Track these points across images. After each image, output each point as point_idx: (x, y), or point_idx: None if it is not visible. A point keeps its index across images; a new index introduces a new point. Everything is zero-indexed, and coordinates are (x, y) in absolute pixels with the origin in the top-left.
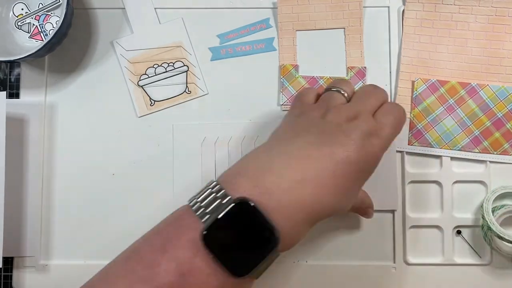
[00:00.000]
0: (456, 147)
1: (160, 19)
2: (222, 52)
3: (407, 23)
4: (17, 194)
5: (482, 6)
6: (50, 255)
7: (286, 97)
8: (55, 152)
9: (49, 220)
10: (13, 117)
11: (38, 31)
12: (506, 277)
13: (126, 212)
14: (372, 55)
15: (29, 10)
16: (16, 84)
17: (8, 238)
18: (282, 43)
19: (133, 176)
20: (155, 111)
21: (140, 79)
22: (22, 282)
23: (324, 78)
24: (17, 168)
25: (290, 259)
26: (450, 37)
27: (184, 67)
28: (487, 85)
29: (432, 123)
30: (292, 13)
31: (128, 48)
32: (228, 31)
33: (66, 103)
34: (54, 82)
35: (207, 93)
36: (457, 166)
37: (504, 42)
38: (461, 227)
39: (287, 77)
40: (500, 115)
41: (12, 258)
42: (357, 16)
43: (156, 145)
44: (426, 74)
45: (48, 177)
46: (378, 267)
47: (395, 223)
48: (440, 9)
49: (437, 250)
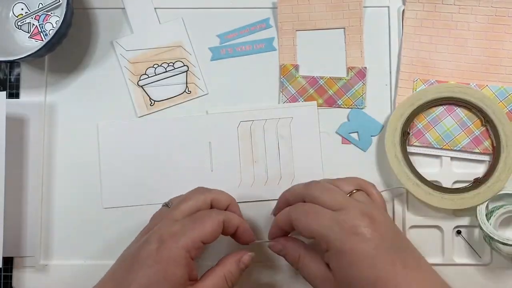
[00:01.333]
0: (456, 147)
1: (160, 19)
2: (222, 52)
3: (407, 23)
4: (17, 194)
5: (482, 6)
6: (50, 255)
7: (286, 97)
8: (55, 152)
9: (49, 220)
10: (13, 117)
11: (38, 31)
12: (506, 277)
13: (126, 212)
14: (372, 55)
15: (29, 10)
16: (16, 84)
17: (8, 238)
18: (282, 43)
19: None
20: (155, 111)
21: (140, 79)
22: (22, 282)
23: (324, 78)
24: (17, 168)
25: None
26: (450, 37)
27: (184, 67)
28: (487, 85)
29: (432, 123)
30: (292, 13)
31: (128, 48)
32: (228, 31)
33: (66, 103)
34: (54, 82)
35: (207, 93)
36: (457, 166)
37: (504, 42)
38: (461, 227)
39: (287, 77)
40: None
41: (12, 258)
42: (357, 16)
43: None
44: (426, 74)
45: (48, 177)
46: None
47: (395, 223)
48: (440, 9)
49: (437, 250)
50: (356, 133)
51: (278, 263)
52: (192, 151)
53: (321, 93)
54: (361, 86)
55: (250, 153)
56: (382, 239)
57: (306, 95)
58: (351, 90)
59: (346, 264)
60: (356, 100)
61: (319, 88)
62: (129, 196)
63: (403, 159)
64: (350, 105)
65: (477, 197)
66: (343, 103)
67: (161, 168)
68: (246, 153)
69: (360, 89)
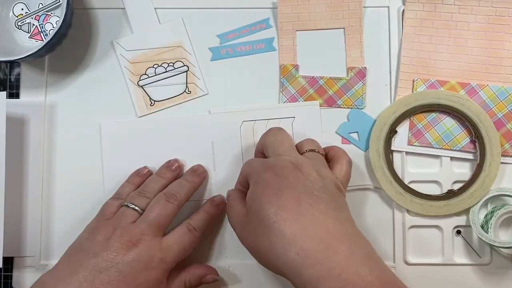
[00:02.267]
0: (456, 147)
1: (160, 19)
2: (222, 52)
3: (407, 23)
4: (17, 194)
5: (482, 6)
6: (50, 255)
7: (286, 97)
8: (55, 152)
9: (49, 220)
10: (13, 117)
11: (38, 31)
12: (506, 277)
13: None
14: (372, 55)
15: (29, 10)
16: (16, 84)
17: (8, 238)
18: (282, 43)
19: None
20: (155, 111)
21: (140, 79)
22: (22, 282)
23: (324, 78)
24: (17, 168)
25: None
26: (450, 37)
27: (184, 67)
28: (487, 85)
29: (432, 123)
30: (292, 13)
31: (128, 48)
32: (228, 31)
33: (66, 103)
34: (54, 82)
35: (207, 93)
36: (457, 166)
37: (504, 42)
38: (461, 227)
39: (287, 77)
40: (500, 116)
41: (12, 258)
42: (357, 16)
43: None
44: (426, 74)
45: (48, 177)
46: None
47: (395, 223)
48: (440, 9)
49: (437, 250)
50: (356, 133)
51: None
52: (194, 151)
53: (321, 93)
54: (361, 86)
55: (252, 153)
56: (297, 181)
57: (306, 95)
58: (351, 90)
59: (256, 192)
60: (356, 100)
61: (319, 88)
62: None
63: (383, 155)
64: (350, 105)
65: (446, 207)
66: (343, 103)
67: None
68: (249, 153)
69: (360, 89)
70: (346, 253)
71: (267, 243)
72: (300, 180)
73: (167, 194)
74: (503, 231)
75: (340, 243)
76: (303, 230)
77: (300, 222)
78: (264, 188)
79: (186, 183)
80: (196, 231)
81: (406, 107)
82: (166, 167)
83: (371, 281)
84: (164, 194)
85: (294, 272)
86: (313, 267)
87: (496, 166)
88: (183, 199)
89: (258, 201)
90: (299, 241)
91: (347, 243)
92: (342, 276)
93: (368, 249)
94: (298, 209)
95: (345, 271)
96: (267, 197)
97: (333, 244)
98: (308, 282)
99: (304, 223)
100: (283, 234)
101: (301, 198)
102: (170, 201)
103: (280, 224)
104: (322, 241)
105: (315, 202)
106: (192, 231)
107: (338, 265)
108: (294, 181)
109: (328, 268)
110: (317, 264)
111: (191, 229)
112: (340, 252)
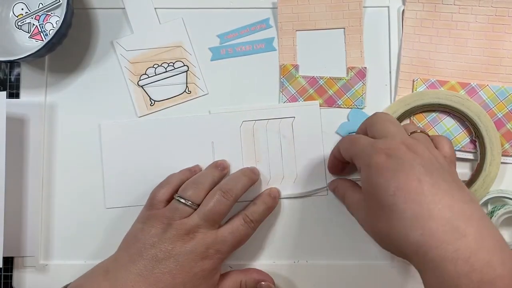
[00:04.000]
0: (456, 147)
1: (160, 19)
2: (222, 52)
3: (407, 23)
4: (17, 194)
5: (482, 6)
6: (50, 255)
7: (286, 97)
8: (55, 152)
9: (49, 220)
10: (13, 117)
11: (38, 31)
12: None
13: (126, 212)
14: (372, 55)
15: (29, 10)
16: (16, 84)
17: (8, 238)
18: (282, 43)
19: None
20: (155, 111)
21: (140, 79)
22: (22, 282)
23: (324, 78)
24: (17, 168)
25: (290, 259)
26: (450, 37)
27: (184, 67)
28: (487, 85)
29: (432, 123)
30: (292, 13)
31: (128, 48)
32: (228, 31)
33: (66, 103)
34: (54, 82)
35: (207, 93)
36: (457, 166)
37: (504, 42)
38: None
39: (287, 77)
40: (500, 115)
41: (12, 258)
42: (357, 16)
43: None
44: (426, 74)
45: (48, 177)
46: (378, 267)
47: None
48: (440, 9)
49: None
50: None
51: (278, 260)
52: (194, 151)
53: (321, 93)
54: (361, 86)
55: (252, 153)
56: (414, 162)
57: (306, 95)
58: (351, 90)
59: (371, 175)
60: (356, 100)
61: (319, 88)
62: (131, 196)
63: None
64: (350, 105)
65: None
66: (343, 103)
67: (164, 168)
68: (249, 153)
69: (360, 89)
70: (475, 236)
71: (388, 226)
72: (416, 160)
73: (223, 189)
74: (503, 231)
75: (467, 225)
76: (426, 210)
77: (421, 202)
78: (378, 171)
79: (242, 178)
80: (252, 223)
81: (406, 107)
82: (214, 166)
83: (502, 274)
84: (220, 189)
85: (418, 252)
86: (438, 248)
87: (496, 166)
88: (238, 195)
89: (375, 184)
90: (422, 221)
91: (475, 225)
92: (471, 261)
93: (499, 237)
94: (420, 189)
95: (475, 256)
96: (384, 179)
97: (461, 226)
98: (431, 262)
99: (427, 204)
100: (404, 215)
101: (421, 179)
102: (225, 197)
103: (400, 206)
104: (448, 222)
105: (436, 182)
106: (249, 223)
107: (468, 249)
108: (410, 162)
109: (455, 250)
110: (443, 244)
111: (248, 221)
112: (468, 235)
